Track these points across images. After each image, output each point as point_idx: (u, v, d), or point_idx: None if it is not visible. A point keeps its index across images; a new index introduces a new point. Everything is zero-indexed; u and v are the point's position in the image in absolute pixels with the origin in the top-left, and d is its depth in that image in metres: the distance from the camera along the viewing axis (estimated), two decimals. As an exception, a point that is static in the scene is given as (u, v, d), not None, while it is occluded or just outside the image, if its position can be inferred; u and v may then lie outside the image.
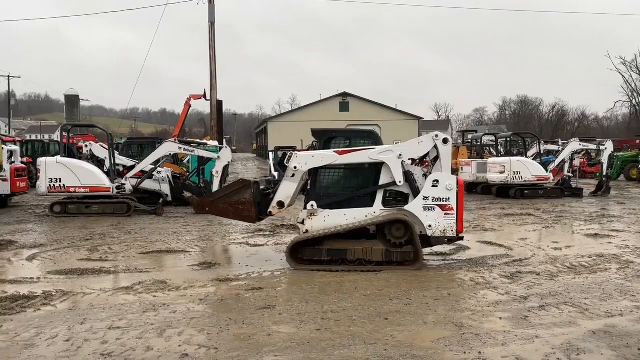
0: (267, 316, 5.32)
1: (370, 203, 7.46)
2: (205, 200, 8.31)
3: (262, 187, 8.21)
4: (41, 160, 14.04)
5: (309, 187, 7.70)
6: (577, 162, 20.37)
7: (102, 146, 20.98)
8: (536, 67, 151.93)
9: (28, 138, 52.22)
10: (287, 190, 7.62)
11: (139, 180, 13.77)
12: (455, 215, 7.27)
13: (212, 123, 24.69)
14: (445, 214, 7.26)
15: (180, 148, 14.20)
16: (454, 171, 23.26)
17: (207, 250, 9.18)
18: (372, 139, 7.90)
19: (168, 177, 15.34)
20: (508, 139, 22.48)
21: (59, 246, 9.36)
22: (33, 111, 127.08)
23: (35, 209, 15.67)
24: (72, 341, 4.66)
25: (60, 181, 13.27)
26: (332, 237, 7.33)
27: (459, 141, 34.10)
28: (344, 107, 56.09)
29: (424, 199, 7.29)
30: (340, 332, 4.84)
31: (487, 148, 25.95)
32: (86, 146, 21.43)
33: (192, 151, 14.47)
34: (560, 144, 25.14)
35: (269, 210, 7.73)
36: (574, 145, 19.25)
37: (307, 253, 7.37)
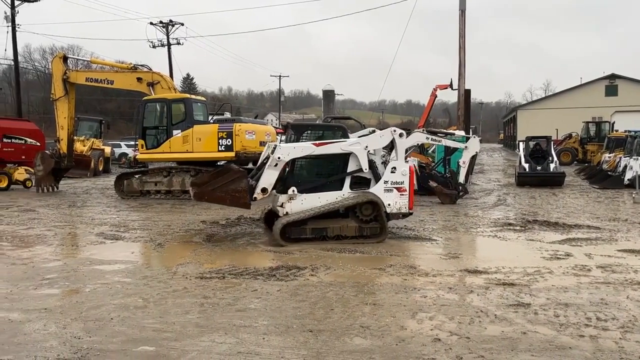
0: (521, 314, 5.06)
1: (340, 187, 8.69)
2: (204, 190, 8.56)
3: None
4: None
5: (285, 175, 8.65)
6: None
7: (355, 136, 22.49)
8: None
9: (293, 129, 59.58)
10: (269, 178, 8.48)
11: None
12: (408, 195, 8.63)
13: (459, 112, 24.26)
14: (400, 195, 8.62)
15: (427, 138, 14.34)
16: None
17: (453, 239, 9.16)
18: (341, 132, 9.55)
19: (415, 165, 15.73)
20: None
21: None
22: (297, 106, 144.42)
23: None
24: (336, 310, 5.20)
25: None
26: (313, 218, 8.51)
27: None
28: (611, 91, 48.93)
29: (384, 182, 8.63)
30: (608, 345, 4.30)
31: None
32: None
33: (439, 141, 14.40)
34: None
35: (254, 197, 8.56)
36: None
37: (294, 232, 8.55)
